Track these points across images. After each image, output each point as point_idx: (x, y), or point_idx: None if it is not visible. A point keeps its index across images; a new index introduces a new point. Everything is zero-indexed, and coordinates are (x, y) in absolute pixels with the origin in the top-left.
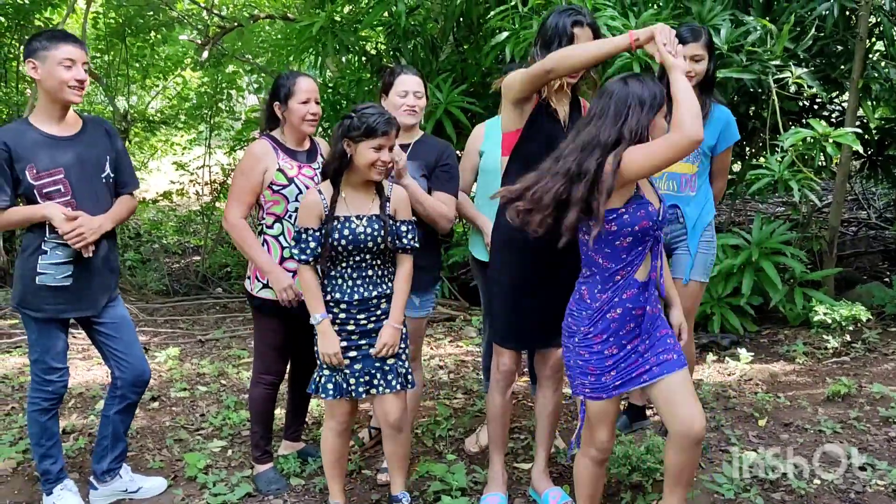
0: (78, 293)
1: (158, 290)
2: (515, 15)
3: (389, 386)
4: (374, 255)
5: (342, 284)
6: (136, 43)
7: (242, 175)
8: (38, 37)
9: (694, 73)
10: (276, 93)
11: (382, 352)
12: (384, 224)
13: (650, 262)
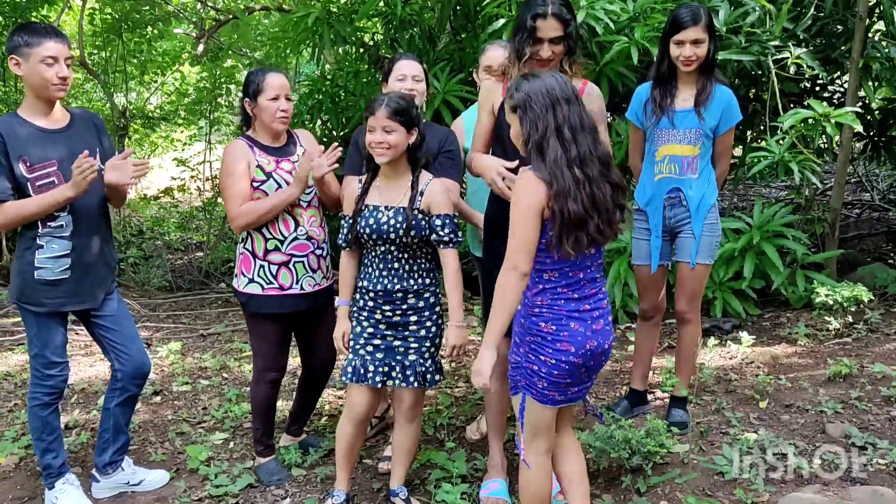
0: (76, 286)
1: (161, 286)
2: (512, 2)
3: (406, 381)
4: (400, 248)
5: (370, 273)
6: (133, 38)
7: (229, 175)
8: (20, 32)
9: (695, 56)
10: (245, 89)
11: (453, 354)
12: (407, 217)
13: None
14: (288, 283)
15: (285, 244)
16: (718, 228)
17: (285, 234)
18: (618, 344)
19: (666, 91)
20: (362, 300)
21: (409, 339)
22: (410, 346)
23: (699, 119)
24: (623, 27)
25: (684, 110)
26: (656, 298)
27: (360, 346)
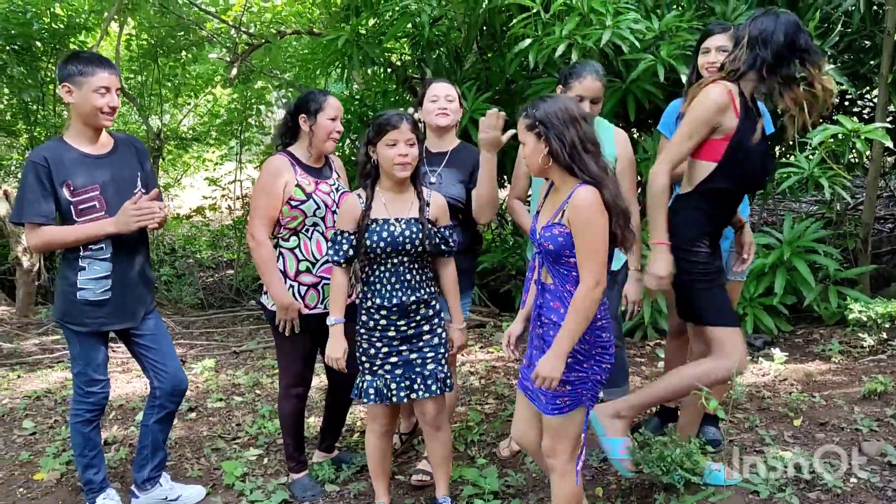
0: (117, 306)
1: (193, 303)
2: (538, 22)
3: (429, 391)
4: (412, 258)
5: (381, 289)
6: (168, 63)
7: (263, 192)
8: (73, 60)
9: (719, 62)
10: (304, 106)
11: (459, 351)
12: (423, 227)
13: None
14: (313, 304)
15: (317, 266)
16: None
17: (318, 256)
18: (647, 361)
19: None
20: (372, 320)
21: (425, 350)
22: (427, 357)
23: None
24: (649, 45)
25: None
26: None
27: (377, 367)
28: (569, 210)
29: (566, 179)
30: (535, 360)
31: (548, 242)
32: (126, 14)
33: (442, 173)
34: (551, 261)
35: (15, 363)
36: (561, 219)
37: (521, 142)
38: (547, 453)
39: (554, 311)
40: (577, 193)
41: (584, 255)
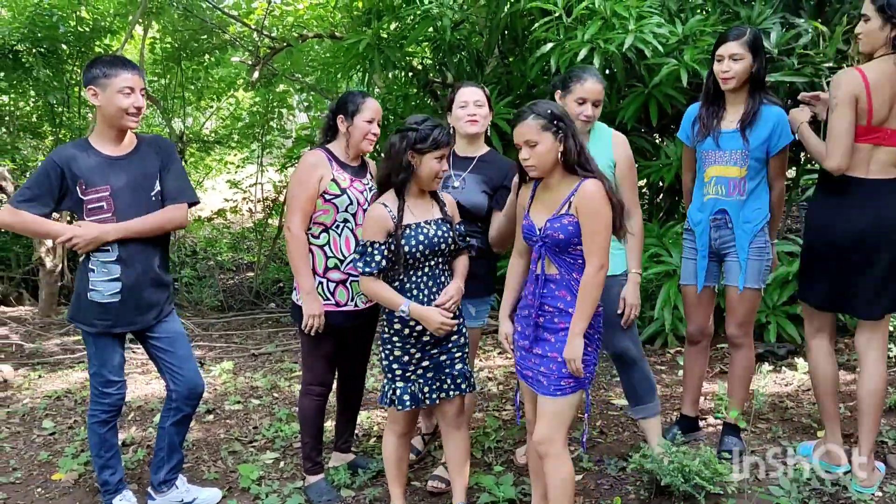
0: (126, 309)
1: (214, 305)
2: (560, 26)
3: (459, 389)
4: (445, 258)
5: (417, 294)
6: (191, 66)
7: (300, 184)
8: (97, 63)
9: (732, 72)
10: (342, 107)
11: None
12: (451, 226)
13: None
14: (344, 300)
15: (344, 264)
16: (768, 252)
17: (346, 254)
18: (667, 368)
19: (713, 111)
20: (407, 327)
21: (453, 350)
22: (455, 356)
23: (743, 140)
24: (672, 49)
25: (729, 131)
26: (702, 322)
27: (410, 373)
28: (577, 201)
29: (564, 177)
30: (534, 348)
31: (557, 233)
32: (150, 17)
33: (466, 178)
34: (557, 251)
35: (37, 363)
36: (569, 210)
37: (531, 143)
38: (541, 440)
39: (560, 300)
40: (584, 186)
41: (592, 241)
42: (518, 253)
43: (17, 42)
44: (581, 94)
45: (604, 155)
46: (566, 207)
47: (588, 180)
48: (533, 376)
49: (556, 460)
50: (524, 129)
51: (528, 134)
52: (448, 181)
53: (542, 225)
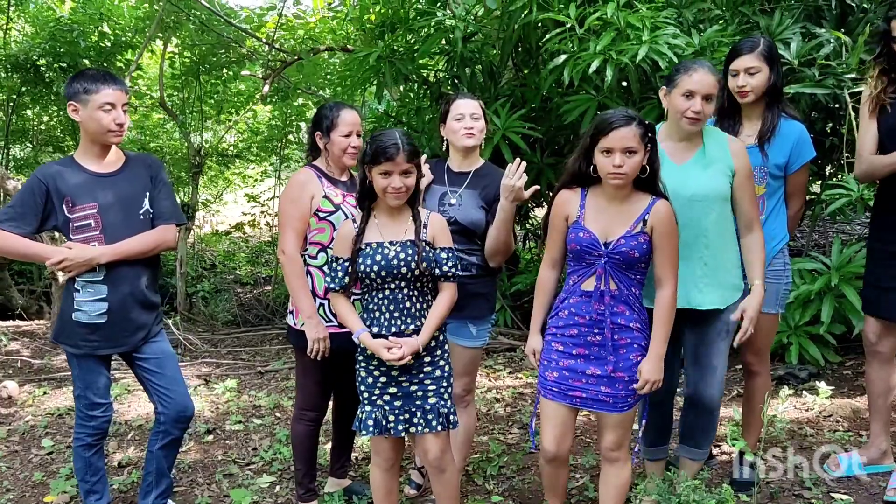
0: (111, 330)
1: (227, 320)
2: (573, 37)
3: (429, 426)
4: (410, 283)
5: (379, 317)
6: (210, 80)
7: (291, 203)
8: (79, 78)
9: (749, 86)
10: (317, 123)
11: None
12: (418, 248)
13: (602, 279)
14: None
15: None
16: (787, 275)
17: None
18: None
19: (729, 126)
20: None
21: (426, 382)
22: (428, 389)
23: (762, 156)
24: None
25: (747, 147)
26: None
27: (376, 398)
28: (653, 220)
29: (633, 192)
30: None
31: (633, 251)
32: (169, 32)
33: (463, 195)
34: (624, 268)
35: (43, 379)
36: (643, 228)
37: (632, 150)
38: (613, 447)
39: (620, 315)
40: (659, 206)
41: (669, 262)
42: (552, 265)
43: (39, 57)
44: (688, 86)
45: (722, 161)
46: (641, 225)
47: (661, 200)
48: (589, 397)
49: (624, 465)
50: (627, 134)
51: (630, 141)
52: (444, 198)
53: (609, 240)
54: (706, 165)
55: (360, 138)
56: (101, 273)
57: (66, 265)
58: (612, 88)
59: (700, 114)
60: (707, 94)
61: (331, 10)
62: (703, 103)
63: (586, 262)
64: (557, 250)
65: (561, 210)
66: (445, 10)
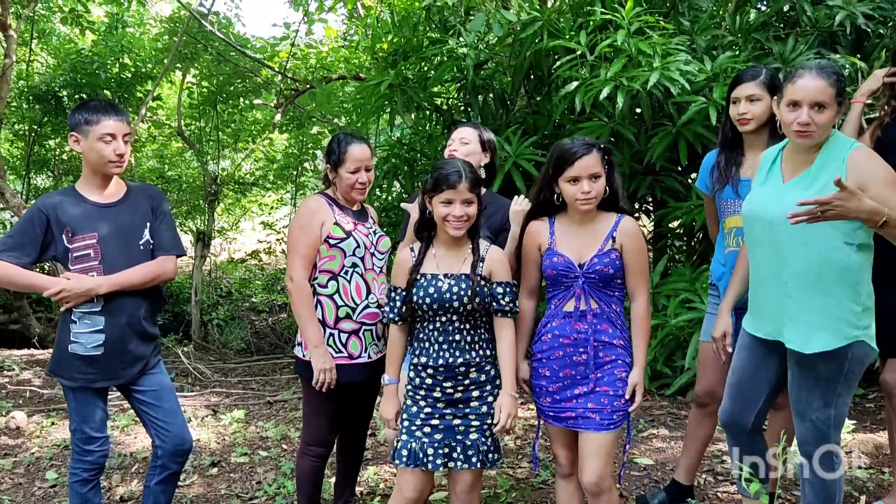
0: (108, 363)
1: (240, 349)
2: (585, 64)
3: (469, 462)
4: (462, 317)
5: (428, 348)
6: (227, 109)
7: (301, 230)
8: (81, 109)
9: (750, 114)
10: (328, 156)
11: (507, 424)
12: (473, 284)
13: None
14: (357, 352)
15: (356, 312)
16: None
17: (357, 301)
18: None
19: (732, 158)
20: (418, 378)
21: (470, 417)
22: (472, 425)
23: None
24: (700, 87)
25: (749, 179)
26: (714, 384)
27: (416, 428)
28: (621, 237)
29: (598, 214)
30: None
31: (607, 268)
32: (187, 63)
33: None
34: (601, 286)
35: (52, 409)
36: (613, 245)
37: (597, 175)
38: (598, 479)
39: (603, 333)
40: (626, 222)
41: (640, 275)
42: (529, 294)
43: (60, 88)
44: (792, 95)
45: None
46: (611, 243)
47: (626, 216)
48: (577, 416)
49: (611, 494)
50: (591, 161)
51: (594, 167)
52: None
53: (583, 261)
54: (810, 183)
55: (368, 173)
56: (99, 304)
57: (63, 296)
58: (623, 115)
59: (809, 125)
60: (815, 101)
61: (344, 38)
62: (813, 112)
63: (564, 286)
64: (534, 279)
65: (533, 240)
66: (458, 39)
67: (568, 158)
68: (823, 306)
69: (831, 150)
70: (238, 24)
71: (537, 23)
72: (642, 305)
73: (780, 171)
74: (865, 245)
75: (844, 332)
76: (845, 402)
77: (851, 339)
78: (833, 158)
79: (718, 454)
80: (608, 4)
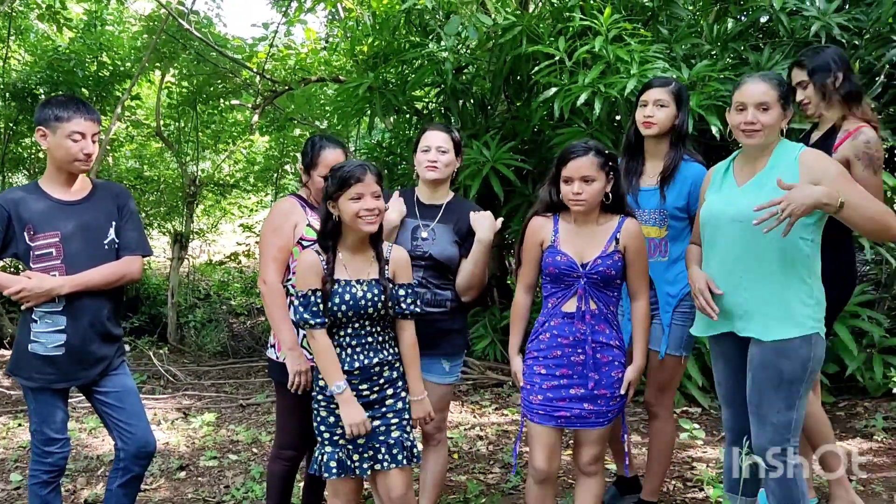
0: (69, 364)
1: (216, 351)
2: (565, 70)
3: (395, 461)
4: (374, 321)
5: (341, 353)
6: (207, 110)
7: (274, 232)
8: (50, 104)
9: (655, 118)
10: (303, 158)
11: (421, 423)
12: (384, 289)
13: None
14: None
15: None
16: (693, 318)
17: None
18: None
19: (632, 167)
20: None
21: (389, 416)
22: (391, 423)
23: (661, 198)
24: None
25: (648, 189)
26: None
27: (338, 437)
28: (625, 239)
29: (602, 215)
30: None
31: (609, 269)
32: (166, 63)
33: (436, 229)
34: (601, 287)
35: (19, 410)
36: (616, 247)
37: (589, 179)
38: (591, 461)
39: (601, 334)
40: (630, 224)
41: (641, 276)
42: (527, 290)
43: (37, 86)
44: (738, 98)
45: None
46: (614, 244)
47: (630, 218)
48: (573, 415)
49: (600, 477)
50: (583, 164)
51: (586, 170)
52: (417, 232)
53: (586, 261)
54: (764, 184)
55: None
56: (61, 304)
57: (23, 296)
58: (601, 122)
59: (754, 124)
60: (759, 102)
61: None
62: (758, 113)
63: (565, 284)
64: (532, 276)
65: (535, 236)
66: (438, 43)
67: (564, 158)
68: (781, 297)
69: (781, 152)
70: (219, 24)
71: (517, 28)
72: (643, 305)
73: (733, 177)
74: (816, 241)
75: (803, 323)
76: (804, 405)
77: (810, 331)
78: (784, 159)
79: (689, 461)
80: (587, 11)
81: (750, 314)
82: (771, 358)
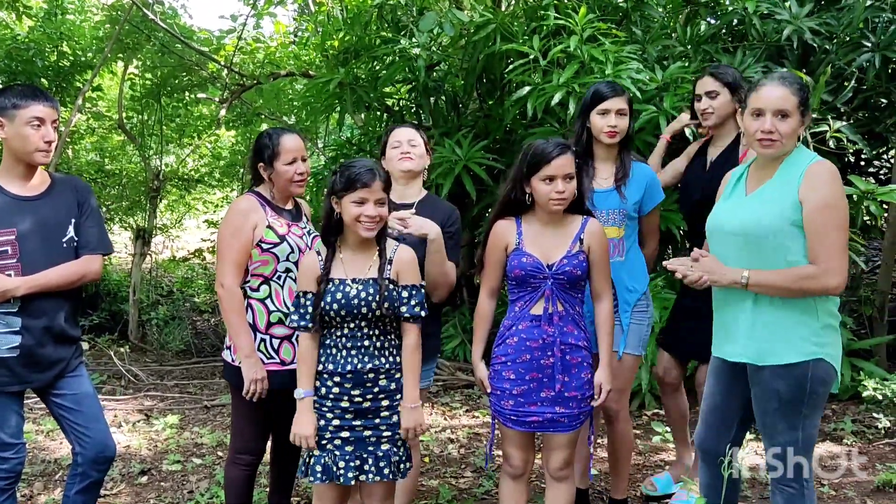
0: (23, 366)
1: (179, 350)
2: (538, 70)
3: (381, 474)
4: (371, 323)
5: (335, 354)
6: (171, 103)
7: (232, 234)
8: (6, 92)
9: (619, 128)
10: (259, 153)
11: (409, 435)
12: (381, 288)
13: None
14: (289, 358)
15: (290, 318)
16: (650, 316)
17: (290, 307)
18: (643, 433)
19: (584, 170)
20: (324, 387)
21: (381, 427)
22: (383, 435)
23: (621, 198)
24: (651, 96)
25: (605, 190)
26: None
27: (326, 441)
28: (589, 239)
29: (565, 216)
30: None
31: (575, 269)
32: (129, 53)
33: None
34: (567, 288)
35: None
36: (581, 247)
37: (572, 176)
38: (561, 466)
39: (569, 335)
40: (592, 225)
41: (604, 276)
42: (491, 294)
43: None
44: (755, 103)
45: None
46: (578, 245)
47: (591, 219)
48: (544, 420)
49: (570, 483)
50: (566, 161)
51: (569, 168)
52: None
53: (551, 262)
54: (765, 198)
55: (305, 163)
56: (16, 305)
57: None
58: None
59: (773, 133)
60: (778, 109)
61: (294, 34)
62: (776, 120)
63: (531, 287)
64: (496, 279)
65: (499, 240)
66: (410, 39)
67: (544, 157)
68: (779, 320)
69: (792, 161)
70: (185, 15)
71: (490, 25)
72: (607, 306)
73: (745, 184)
74: None
75: (801, 348)
76: (813, 424)
77: (809, 356)
78: (793, 170)
79: (662, 464)
80: (562, 10)
81: (751, 337)
82: (767, 379)
